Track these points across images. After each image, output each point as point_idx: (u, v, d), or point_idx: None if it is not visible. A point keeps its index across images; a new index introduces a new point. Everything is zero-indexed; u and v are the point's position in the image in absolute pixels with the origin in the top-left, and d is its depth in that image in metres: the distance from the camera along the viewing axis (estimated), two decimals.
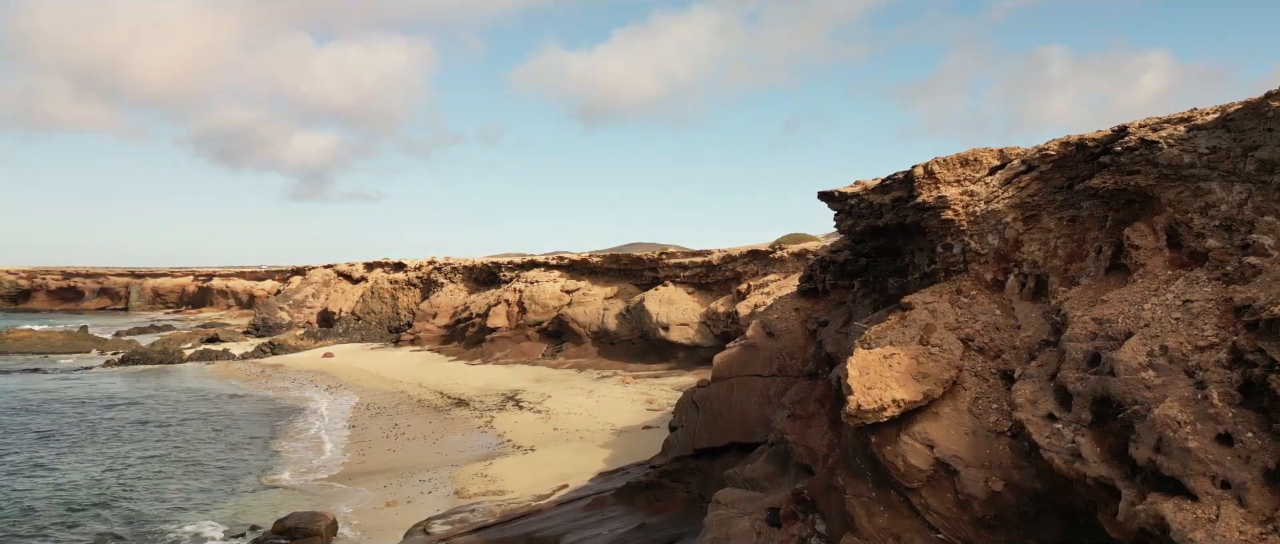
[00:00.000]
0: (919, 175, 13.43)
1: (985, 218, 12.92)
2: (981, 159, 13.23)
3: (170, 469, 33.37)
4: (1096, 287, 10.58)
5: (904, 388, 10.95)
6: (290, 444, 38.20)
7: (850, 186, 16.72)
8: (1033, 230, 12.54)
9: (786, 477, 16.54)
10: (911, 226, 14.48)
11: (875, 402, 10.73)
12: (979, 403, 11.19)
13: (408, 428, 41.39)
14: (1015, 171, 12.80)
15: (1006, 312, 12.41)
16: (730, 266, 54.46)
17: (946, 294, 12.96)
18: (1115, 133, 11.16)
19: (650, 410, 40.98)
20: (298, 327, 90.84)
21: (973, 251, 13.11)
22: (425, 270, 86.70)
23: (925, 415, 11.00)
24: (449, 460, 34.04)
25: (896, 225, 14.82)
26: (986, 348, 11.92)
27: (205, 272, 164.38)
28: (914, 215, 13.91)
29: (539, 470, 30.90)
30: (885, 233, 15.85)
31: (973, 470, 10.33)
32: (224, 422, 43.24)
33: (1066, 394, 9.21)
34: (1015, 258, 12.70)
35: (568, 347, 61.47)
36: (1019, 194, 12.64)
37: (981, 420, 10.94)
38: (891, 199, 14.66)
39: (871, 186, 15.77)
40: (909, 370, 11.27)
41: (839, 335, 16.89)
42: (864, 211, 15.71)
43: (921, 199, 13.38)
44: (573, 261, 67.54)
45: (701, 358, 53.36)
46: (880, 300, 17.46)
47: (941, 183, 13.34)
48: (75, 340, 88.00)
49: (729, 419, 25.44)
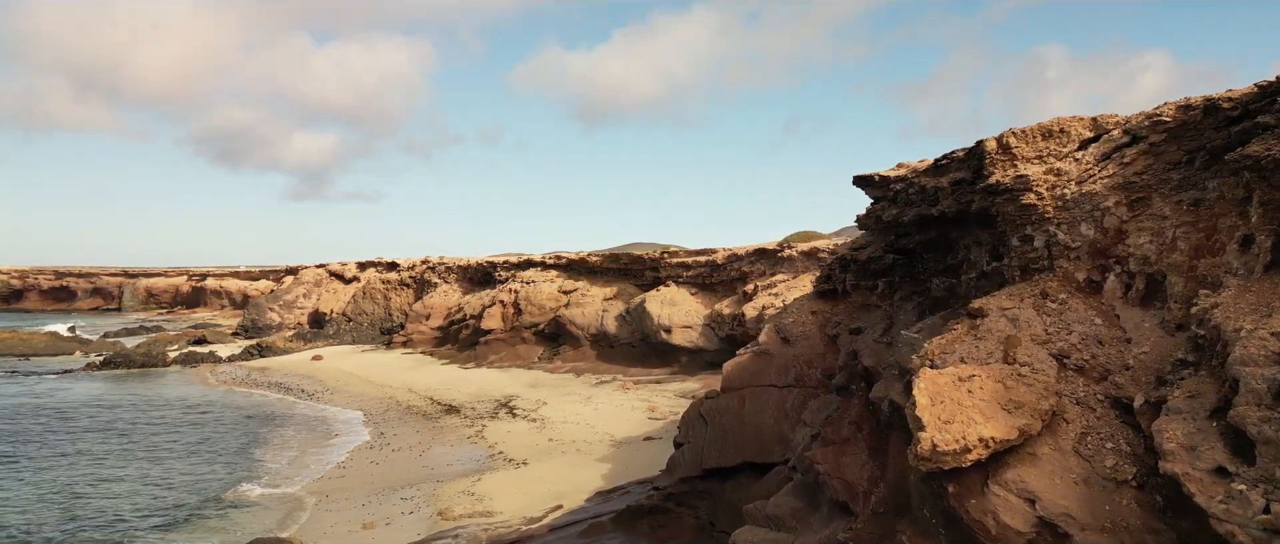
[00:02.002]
0: (991, 150, 10.81)
1: (1077, 202, 10.31)
2: (1069, 129, 10.62)
3: (130, 484, 30.77)
4: (1260, 290, 7.97)
5: (991, 422, 8.34)
6: (265, 455, 35.59)
7: (893, 169, 14.12)
8: (1141, 218, 9.93)
9: (817, 515, 13.94)
10: (975, 215, 11.88)
11: (956, 441, 8.12)
12: (1088, 441, 8.58)
13: (393, 437, 38.81)
14: (1115, 144, 10.20)
15: (1109, 321, 9.80)
16: (736, 266, 51.84)
17: (1029, 298, 10.34)
18: (1267, 89, 8.52)
19: (652, 419, 38.39)
20: (288, 328, 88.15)
21: (1060, 245, 10.50)
22: (419, 270, 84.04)
23: (1019, 457, 8.40)
24: (435, 475, 31.45)
25: (955, 214, 12.20)
26: (1088, 367, 9.31)
27: (199, 272, 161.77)
28: (982, 201, 11.29)
29: (531, 488, 28.30)
30: (937, 224, 13.25)
31: (1090, 535, 7.72)
32: (197, 431, 40.61)
33: (1245, 441, 6.62)
34: (1116, 253, 10.09)
35: (565, 350, 58.83)
36: (1122, 172, 10.03)
37: (1094, 465, 8.33)
38: (950, 182, 12.04)
39: (921, 168, 13.16)
40: (995, 398, 8.66)
41: (879, 347, 14.30)
42: (913, 198, 13.09)
43: (994, 180, 10.77)
44: (570, 261, 64.86)
45: (705, 362, 50.82)
46: (925, 304, 14.86)
47: (1019, 159, 10.73)
48: (59, 342, 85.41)
49: (741, 435, 22.86)
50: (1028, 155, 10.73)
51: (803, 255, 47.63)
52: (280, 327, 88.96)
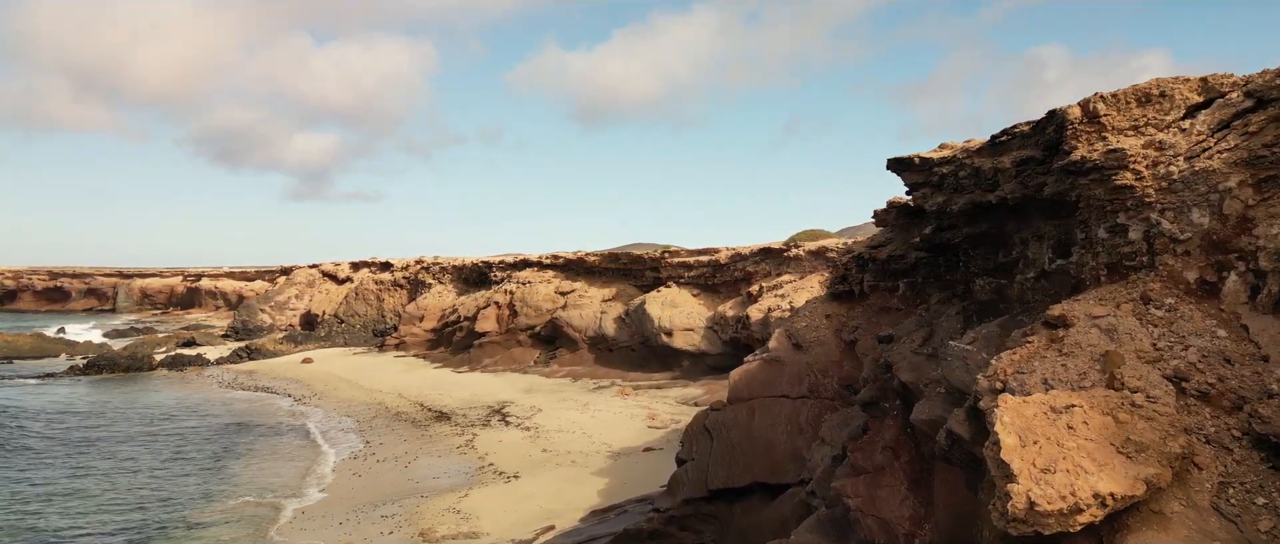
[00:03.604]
0: (1073, 119, 8.70)
1: (1187, 183, 8.20)
2: (1172, 93, 8.52)
3: (92, 499, 28.66)
4: None
5: (1106, 471, 6.23)
6: (241, 466, 33.48)
7: (936, 150, 12.00)
8: (1273, 201, 7.83)
9: None
10: (1044, 203, 9.77)
11: (1062, 497, 6.02)
12: (1229, 495, 6.49)
13: (380, 446, 36.72)
14: (1235, 109, 8.10)
15: (1233, 333, 7.70)
16: (739, 266, 49.70)
17: (1126, 304, 8.23)
18: None
19: (652, 428, 36.28)
20: (279, 330, 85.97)
21: (1165, 236, 8.39)
22: (413, 271, 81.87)
23: (1143, 517, 6.30)
24: (419, 489, 29.36)
25: (1018, 201, 10.09)
26: (1215, 394, 7.21)
27: (194, 272, 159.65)
28: (1057, 184, 9.18)
29: (521, 505, 26.21)
30: (990, 214, 11.14)
31: None
32: (173, 440, 38.49)
33: None
34: (1240, 246, 7.99)
35: (562, 353, 56.69)
36: (1246, 144, 7.93)
37: (1243, 527, 6.24)
38: (1013, 162, 9.92)
39: (973, 147, 11.04)
40: (1106, 437, 6.55)
41: (918, 359, 12.19)
42: (963, 183, 10.97)
43: (1078, 157, 8.65)
44: (568, 261, 62.68)
45: (707, 366, 48.70)
46: (971, 309, 12.75)
47: (1109, 130, 8.61)
48: (44, 344, 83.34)
49: (751, 452, 20.75)
50: (1120, 125, 8.62)
51: (810, 255, 45.51)
52: (271, 328, 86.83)
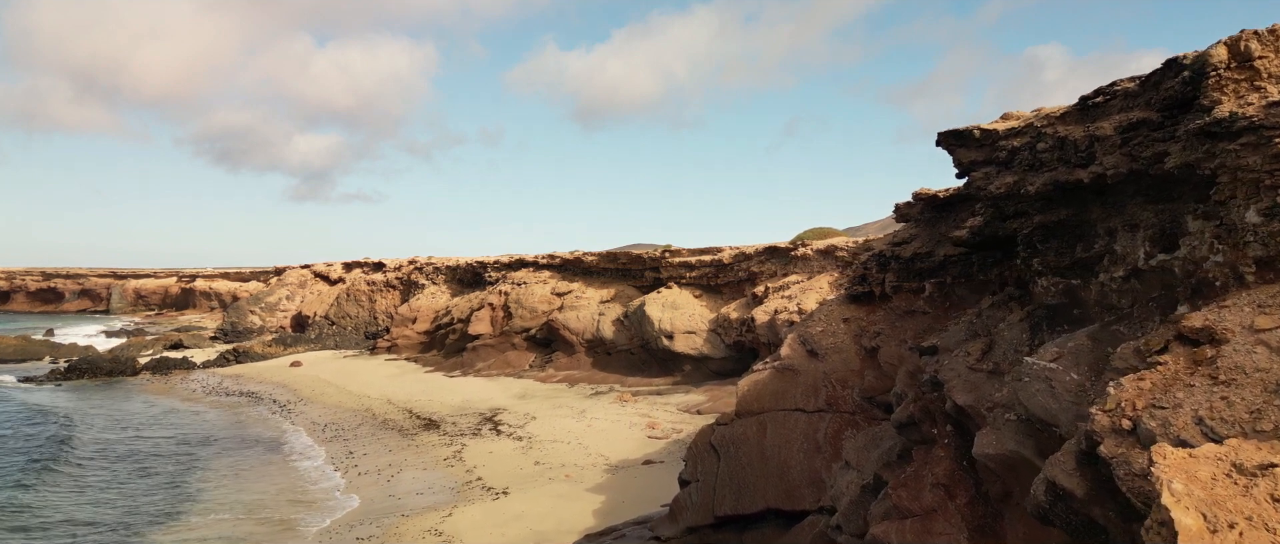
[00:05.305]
0: (1220, 61, 6.46)
1: None
2: None
3: (41, 521, 26.39)
4: None
5: None
6: (209, 482, 31.21)
7: (999, 121, 9.74)
8: None
9: None
10: (1154, 181, 7.52)
11: None
12: None
13: (362, 458, 34.48)
14: None
15: None
16: (744, 266, 47.42)
17: None
18: None
19: (652, 438, 34.04)
20: (269, 332, 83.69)
21: None
22: (406, 271, 79.56)
23: None
24: (400, 506, 27.12)
25: (1123, 178, 7.83)
26: None
27: (189, 273, 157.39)
28: (1188, 153, 6.94)
29: (508, 526, 23.97)
30: (1072, 197, 8.90)
31: None
32: (141, 451, 36.21)
33: None
34: None
35: (558, 357, 54.44)
36: None
37: None
38: (1118, 129, 7.66)
39: (1055, 114, 8.79)
40: None
41: (977, 376, 9.95)
42: (1044, 157, 8.72)
43: (1227, 111, 6.40)
44: (565, 261, 60.36)
45: (710, 371, 46.48)
46: (1039, 315, 10.49)
47: (1265, 76, 6.36)
48: (28, 346, 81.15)
49: (762, 473, 18.49)
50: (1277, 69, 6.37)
51: (819, 254, 43.23)
52: (261, 330, 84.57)
